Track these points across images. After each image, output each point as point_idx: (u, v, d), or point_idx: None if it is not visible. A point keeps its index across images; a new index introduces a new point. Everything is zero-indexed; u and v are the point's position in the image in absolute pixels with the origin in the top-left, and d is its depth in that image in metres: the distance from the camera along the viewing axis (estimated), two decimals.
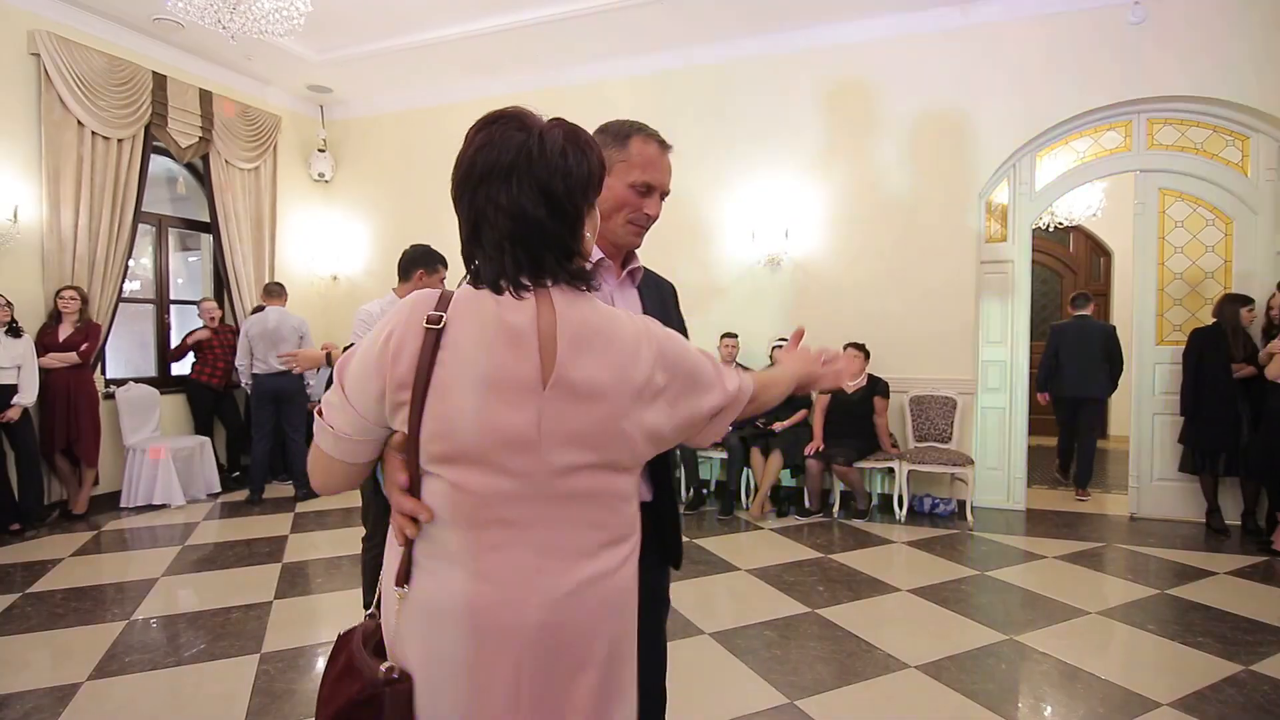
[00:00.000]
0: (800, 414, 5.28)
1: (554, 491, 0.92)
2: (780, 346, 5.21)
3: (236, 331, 5.78)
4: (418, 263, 2.88)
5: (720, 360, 1.41)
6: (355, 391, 0.93)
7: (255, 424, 5.51)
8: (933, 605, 3.41)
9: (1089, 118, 4.97)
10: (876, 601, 3.46)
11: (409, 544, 0.92)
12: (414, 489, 0.92)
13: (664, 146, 1.43)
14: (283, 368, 5.36)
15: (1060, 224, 7.34)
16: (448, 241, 1.31)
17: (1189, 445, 4.65)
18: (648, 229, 1.44)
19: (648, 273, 1.56)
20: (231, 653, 2.87)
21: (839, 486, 5.14)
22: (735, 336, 5.41)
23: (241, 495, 5.56)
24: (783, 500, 5.31)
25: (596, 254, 1.29)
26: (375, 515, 2.75)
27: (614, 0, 5.05)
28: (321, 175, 7.05)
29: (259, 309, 5.69)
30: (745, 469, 5.31)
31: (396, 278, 2.98)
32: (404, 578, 0.92)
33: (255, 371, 5.39)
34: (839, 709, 2.44)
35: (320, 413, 0.98)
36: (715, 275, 5.84)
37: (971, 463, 4.94)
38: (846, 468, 4.94)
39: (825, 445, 5.04)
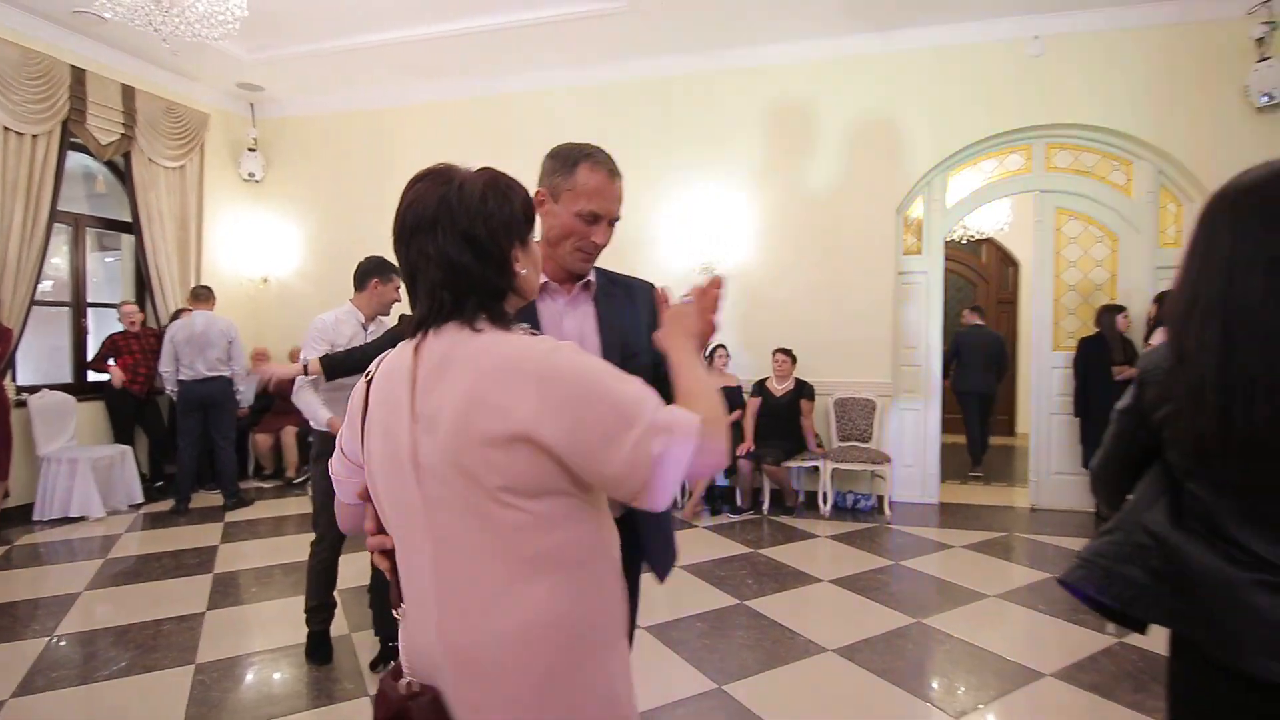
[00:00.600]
0: (733, 415, 5.51)
1: (441, 523, 0.93)
2: (719, 349, 5.45)
3: (159, 336, 5.59)
4: (371, 273, 2.93)
5: None
6: (343, 435, 1.12)
7: (181, 432, 5.34)
8: (851, 594, 3.67)
9: (994, 141, 5.39)
10: (801, 592, 3.70)
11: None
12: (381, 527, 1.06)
13: (613, 174, 1.41)
14: (211, 374, 5.24)
15: (973, 237, 7.86)
16: (384, 243, 1.38)
17: (1083, 443, 5.12)
18: (596, 255, 1.44)
19: (613, 280, 1.54)
20: (165, 665, 2.85)
21: (769, 485, 5.41)
22: (724, 347, 5.64)
23: (166, 505, 5.39)
24: (716, 499, 5.53)
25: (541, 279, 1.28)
26: (326, 520, 2.79)
27: (555, 13, 5.17)
28: (252, 175, 6.87)
29: (178, 314, 5.54)
30: None
31: (335, 281, 3.03)
32: (398, 600, 1.03)
33: (181, 378, 5.24)
34: (762, 691, 2.64)
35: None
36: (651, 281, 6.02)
37: (889, 460, 5.28)
38: (775, 467, 5.20)
39: (755, 446, 5.29)
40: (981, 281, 9.56)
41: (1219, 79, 4.91)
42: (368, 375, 1.05)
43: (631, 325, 1.50)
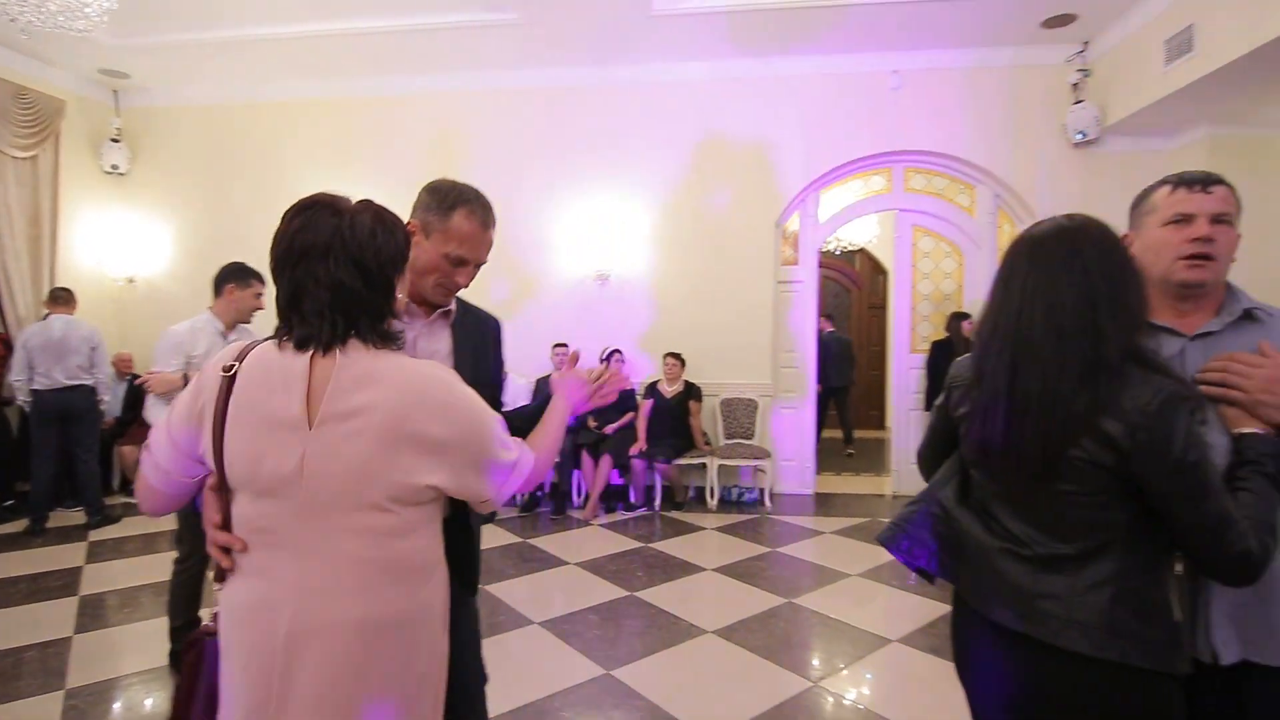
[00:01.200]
0: (627, 417, 5.76)
1: (314, 524, 1.05)
2: (615, 354, 5.67)
3: (7, 342, 5.13)
4: (228, 279, 2.91)
5: (555, 368, 1.62)
6: (177, 428, 1.14)
7: (36, 445, 4.94)
8: (731, 580, 4.00)
9: (860, 164, 5.94)
10: (686, 581, 3.99)
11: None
12: (228, 522, 1.11)
13: (486, 225, 1.47)
14: (71, 382, 4.88)
15: (846, 248, 8.53)
16: (257, 241, 1.39)
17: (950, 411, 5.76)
18: (456, 292, 1.51)
19: (468, 310, 1.60)
20: (31, 692, 2.72)
21: (661, 482, 5.70)
22: (565, 346, 5.77)
23: (19, 525, 4.97)
24: (611, 497, 5.76)
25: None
26: (191, 537, 2.75)
27: (446, 20, 5.20)
28: (115, 168, 6.41)
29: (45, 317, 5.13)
30: (574, 471, 5.69)
31: (205, 281, 2.99)
32: (220, 578, 1.14)
33: (36, 387, 4.84)
34: (646, 673, 2.87)
35: (147, 446, 1.19)
36: (547, 287, 6.16)
37: (769, 456, 5.70)
38: (666, 465, 5.49)
39: (648, 445, 5.56)
40: (855, 288, 10.36)
41: (1044, 117, 5.66)
42: (228, 371, 1.10)
43: (482, 355, 1.60)
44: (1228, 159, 5.37)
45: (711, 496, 5.69)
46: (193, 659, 1.18)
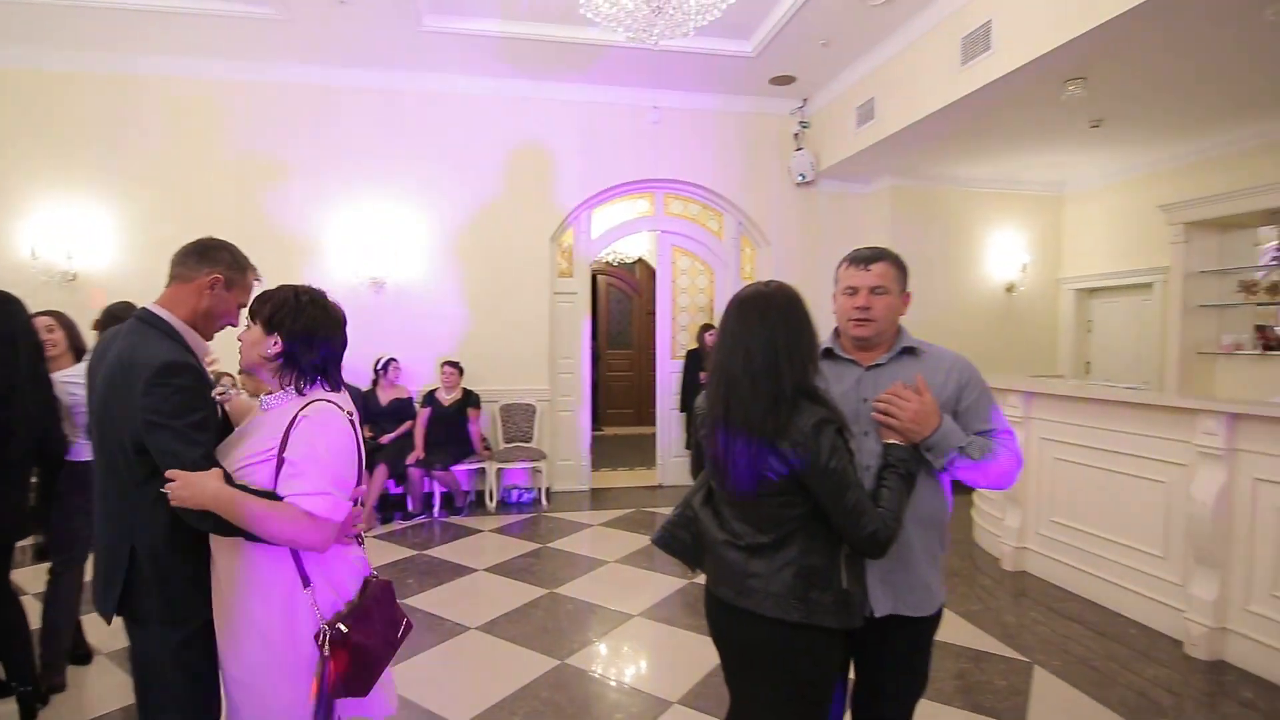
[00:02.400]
0: (405, 426, 5.77)
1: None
2: (391, 362, 5.64)
3: None
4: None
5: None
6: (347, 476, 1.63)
7: None
8: (501, 578, 4.27)
9: (627, 187, 6.52)
10: (457, 583, 4.19)
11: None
12: None
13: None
14: None
15: (624, 259, 9.18)
16: None
17: (687, 431, 6.52)
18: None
19: None
20: None
21: (439, 488, 5.80)
22: (396, 360, 5.78)
23: None
24: (389, 507, 5.73)
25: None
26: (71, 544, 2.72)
27: (197, 6, 4.82)
28: None
29: None
30: None
31: None
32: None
33: None
34: (409, 675, 3.04)
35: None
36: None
37: (545, 457, 6.06)
38: (445, 472, 5.61)
39: (425, 453, 5.62)
40: (636, 296, 11.15)
41: (774, 158, 6.66)
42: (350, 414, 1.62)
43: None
44: (905, 204, 6.77)
45: (491, 500, 5.92)
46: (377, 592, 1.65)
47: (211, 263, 1.66)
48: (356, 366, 5.84)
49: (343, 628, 1.50)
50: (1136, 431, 3.56)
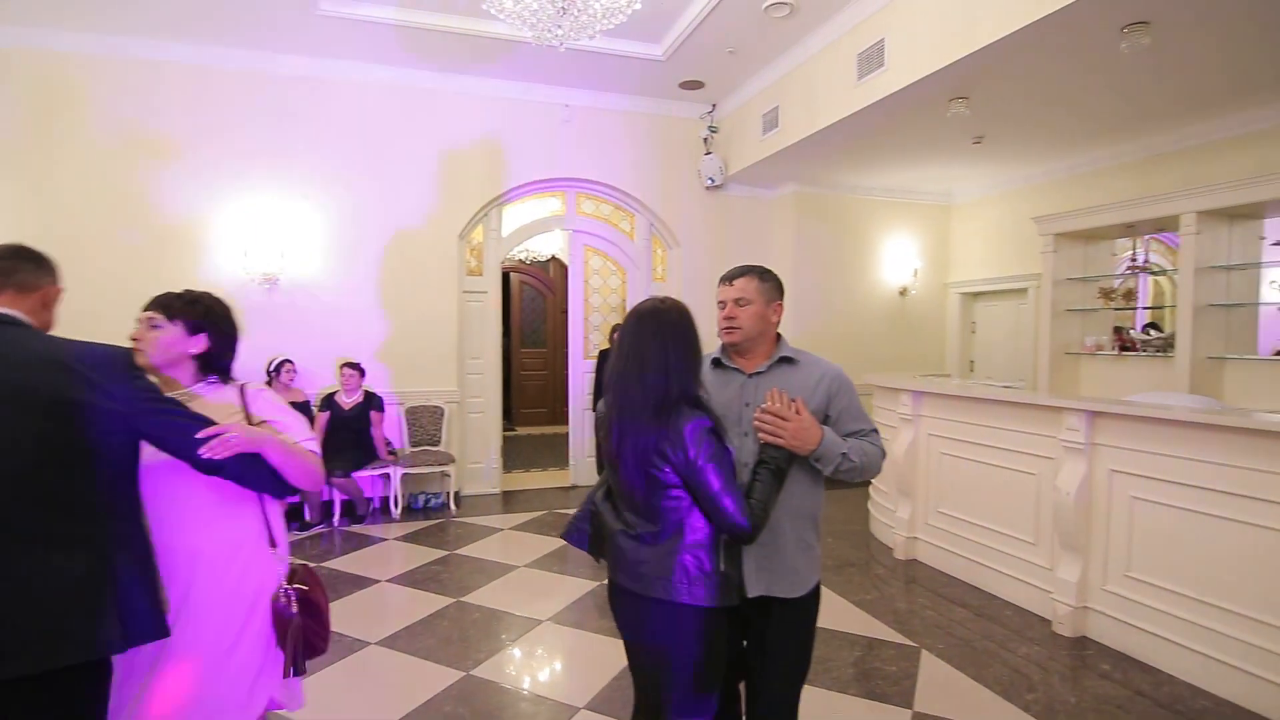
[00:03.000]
0: None
1: None
2: (285, 364, 5.33)
3: None
4: None
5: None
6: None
7: None
8: (405, 588, 4.12)
9: (536, 185, 6.44)
10: (357, 596, 4.00)
11: None
12: None
13: None
14: None
15: (537, 258, 9.07)
16: None
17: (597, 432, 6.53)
18: None
19: None
20: None
21: (340, 496, 5.53)
22: (292, 362, 5.44)
23: None
24: (284, 517, 5.41)
25: None
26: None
27: None
28: None
29: None
30: None
31: None
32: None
33: None
34: (306, 693, 2.88)
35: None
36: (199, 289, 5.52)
37: (454, 461, 5.90)
38: (345, 479, 5.36)
39: (324, 459, 5.34)
40: (550, 294, 11.05)
41: (685, 161, 6.76)
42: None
43: None
44: (808, 210, 7.03)
45: (396, 506, 5.70)
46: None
47: (50, 273, 1.56)
48: (249, 368, 5.48)
49: (303, 585, 1.70)
50: (1012, 428, 3.86)
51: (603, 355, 6.47)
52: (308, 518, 5.42)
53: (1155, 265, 6.04)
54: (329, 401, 5.54)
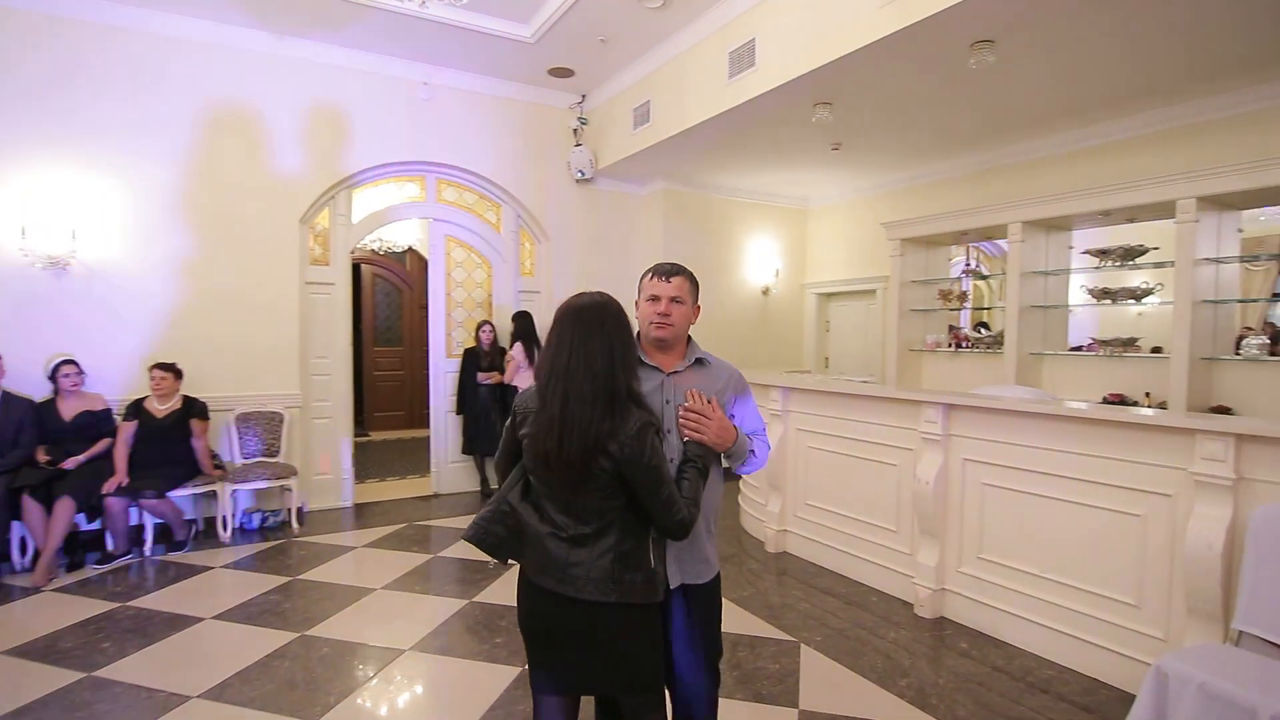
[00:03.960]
0: (99, 445, 4.60)
1: None
2: (66, 365, 4.45)
3: None
4: None
5: None
6: None
7: None
8: (236, 625, 3.56)
9: (393, 168, 5.91)
10: (174, 640, 3.39)
11: None
12: None
13: None
14: None
15: (391, 248, 8.40)
16: None
17: (464, 435, 6.13)
18: None
19: None
20: None
21: (151, 520, 4.73)
22: (74, 363, 4.53)
23: None
24: (79, 548, 4.54)
25: None
26: None
27: None
28: None
29: None
30: (14, 523, 4.30)
31: None
32: None
33: None
34: None
35: None
36: None
37: (296, 473, 5.26)
38: (157, 500, 4.57)
39: (130, 478, 4.54)
40: (407, 288, 10.33)
41: (554, 152, 6.51)
42: None
43: None
44: (676, 208, 7.05)
45: (225, 528, 4.97)
46: None
47: None
48: (25, 373, 4.55)
49: None
50: (874, 421, 4.02)
51: (468, 354, 6.08)
52: (110, 547, 4.57)
53: (981, 270, 6.66)
54: (137, 409, 4.71)
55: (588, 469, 1.55)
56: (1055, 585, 3.14)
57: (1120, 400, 4.92)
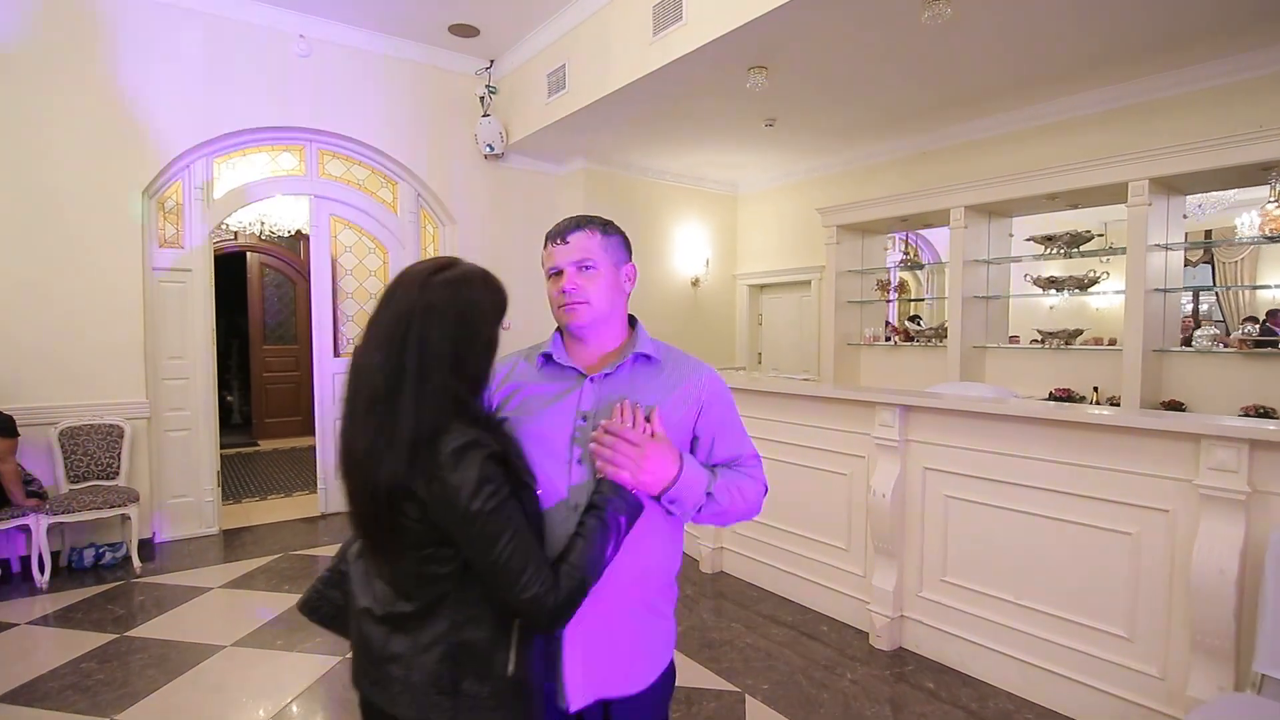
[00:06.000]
0: None
1: None
2: None
3: None
4: None
5: None
6: None
7: None
8: (24, 710, 2.72)
9: (263, 134, 5.02)
10: None
11: None
12: None
13: None
14: None
15: (274, 232, 7.40)
16: None
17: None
18: None
19: None
20: None
21: None
22: None
23: None
24: None
25: None
26: None
27: None
28: None
29: None
30: None
31: None
32: None
33: None
34: None
35: None
36: None
37: (137, 498, 4.33)
38: None
39: None
40: (301, 279, 9.27)
41: (459, 124, 5.77)
42: None
43: None
44: (599, 190, 6.43)
45: (42, 570, 4.02)
46: None
47: None
48: None
49: None
50: (820, 425, 3.55)
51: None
52: None
53: (921, 259, 6.38)
54: None
55: (393, 519, 1.03)
56: (1032, 613, 2.73)
57: (1067, 395, 4.67)
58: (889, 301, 6.28)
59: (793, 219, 7.10)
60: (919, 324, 6.08)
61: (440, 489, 1.00)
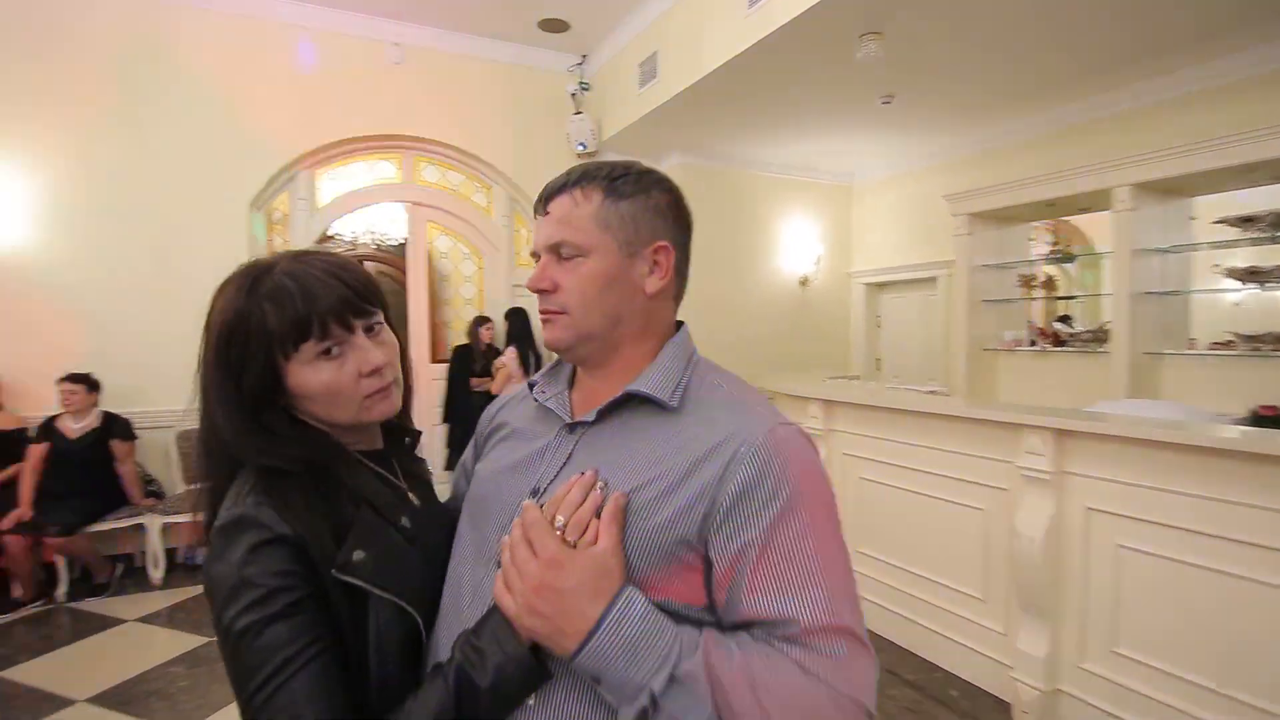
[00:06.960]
0: (8, 471, 3.89)
1: None
2: None
3: None
4: None
5: None
6: None
7: None
8: (105, 711, 2.74)
9: (362, 144, 5.08)
10: None
11: None
12: None
13: None
14: None
15: (381, 242, 7.58)
16: None
17: (449, 447, 5.27)
18: None
19: None
20: None
21: (63, 561, 3.99)
22: None
23: None
24: None
25: None
26: None
27: None
28: None
29: None
30: None
31: None
32: None
33: None
34: None
35: None
36: None
37: None
38: (66, 538, 3.82)
39: (38, 511, 3.80)
40: None
41: (551, 122, 5.60)
42: None
43: None
44: (696, 185, 6.04)
45: (157, 568, 4.21)
46: None
47: None
48: None
49: None
50: (950, 448, 2.98)
51: (460, 353, 5.22)
52: (15, 595, 3.84)
53: (1071, 250, 5.48)
54: (47, 429, 3.98)
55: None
56: (1236, 705, 2.07)
57: (1277, 415, 3.74)
58: (1033, 300, 5.44)
59: (915, 209, 6.39)
60: (1070, 325, 5.21)
61: (205, 577, 0.74)
